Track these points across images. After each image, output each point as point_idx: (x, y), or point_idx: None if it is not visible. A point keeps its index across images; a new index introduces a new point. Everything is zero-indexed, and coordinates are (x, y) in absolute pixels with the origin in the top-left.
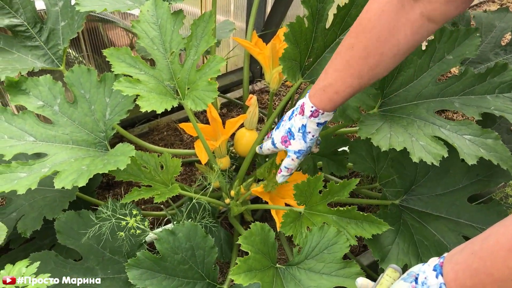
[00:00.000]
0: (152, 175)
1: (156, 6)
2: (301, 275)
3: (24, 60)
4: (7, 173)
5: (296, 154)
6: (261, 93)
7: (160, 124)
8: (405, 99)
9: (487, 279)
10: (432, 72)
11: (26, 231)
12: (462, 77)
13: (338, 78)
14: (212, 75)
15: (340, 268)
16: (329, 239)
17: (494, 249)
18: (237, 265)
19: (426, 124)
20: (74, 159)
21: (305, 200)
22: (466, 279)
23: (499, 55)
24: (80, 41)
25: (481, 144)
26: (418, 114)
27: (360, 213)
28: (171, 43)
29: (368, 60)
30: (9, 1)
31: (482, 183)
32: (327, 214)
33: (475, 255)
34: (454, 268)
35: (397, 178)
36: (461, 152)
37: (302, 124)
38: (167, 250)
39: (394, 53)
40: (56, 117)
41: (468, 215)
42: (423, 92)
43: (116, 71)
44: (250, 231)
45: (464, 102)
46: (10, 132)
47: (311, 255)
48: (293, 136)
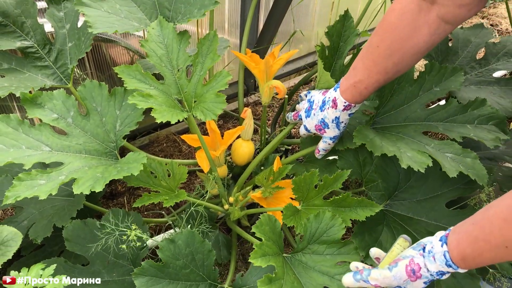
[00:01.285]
0: (159, 182)
1: (161, 26)
2: (307, 259)
3: (34, 79)
4: (28, 181)
5: (332, 140)
6: (255, 105)
7: (159, 136)
8: (395, 120)
9: (485, 246)
10: (420, 99)
11: (37, 238)
12: (447, 106)
13: (366, 75)
14: (220, 88)
15: (340, 247)
16: (326, 223)
17: (492, 219)
18: (254, 250)
19: (413, 141)
20: (88, 167)
21: (302, 195)
22: (466, 247)
23: (475, 69)
24: (84, 59)
25: (460, 161)
26: (406, 132)
27: (354, 199)
28: (178, 61)
29: (392, 57)
30: (20, 25)
31: (459, 190)
32: (323, 206)
33: (475, 225)
34: (457, 237)
35: (381, 182)
36: (443, 167)
37: (335, 116)
38: (168, 257)
39: (415, 51)
40: (70, 129)
41: (446, 219)
42: (411, 116)
43: (129, 87)
44: (260, 221)
45: (447, 128)
46: (28, 142)
47: (313, 240)
48: (327, 126)
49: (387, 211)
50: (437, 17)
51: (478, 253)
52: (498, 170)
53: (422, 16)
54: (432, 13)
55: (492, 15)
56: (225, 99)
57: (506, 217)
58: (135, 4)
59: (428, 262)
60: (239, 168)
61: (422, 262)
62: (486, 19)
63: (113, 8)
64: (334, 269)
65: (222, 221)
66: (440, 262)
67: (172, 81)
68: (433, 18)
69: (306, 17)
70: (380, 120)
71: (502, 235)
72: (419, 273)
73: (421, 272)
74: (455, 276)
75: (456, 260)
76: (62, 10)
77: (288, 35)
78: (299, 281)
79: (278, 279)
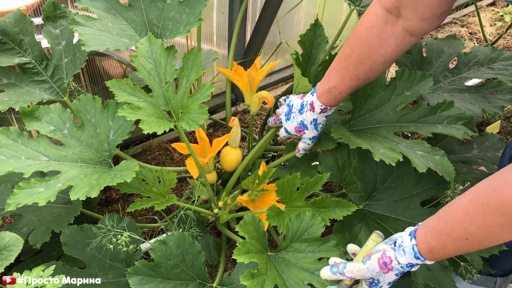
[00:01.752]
0: (151, 188)
1: (150, 42)
2: (289, 256)
3: (32, 93)
4: (28, 189)
5: (311, 140)
6: (244, 114)
7: (152, 145)
8: (370, 123)
9: (448, 238)
10: (393, 103)
11: (37, 243)
12: (417, 108)
13: (340, 81)
14: (203, 100)
15: (320, 244)
16: (307, 223)
17: (454, 213)
18: (238, 248)
19: (386, 141)
20: (84, 175)
21: (285, 198)
22: (432, 240)
23: (448, 77)
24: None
25: (430, 159)
26: (380, 133)
27: (332, 200)
28: (165, 74)
29: (362, 66)
30: (19, 43)
31: (432, 190)
32: (305, 207)
33: (439, 219)
34: (424, 231)
35: (359, 184)
36: (413, 163)
37: (313, 118)
38: (160, 257)
39: (383, 60)
40: (66, 140)
41: (420, 217)
42: (385, 118)
43: (120, 100)
44: (244, 221)
45: (419, 128)
46: (26, 153)
47: (295, 239)
48: (306, 127)
49: (366, 211)
50: (402, 29)
51: (443, 245)
52: (471, 173)
53: (389, 29)
54: (397, 26)
55: (471, 23)
56: (207, 110)
57: (467, 211)
58: (126, 22)
59: (398, 255)
60: (228, 174)
61: (393, 255)
62: (466, 27)
63: (105, 26)
64: (314, 265)
65: (212, 224)
66: (409, 255)
67: (160, 94)
68: (398, 30)
69: (291, 28)
70: (356, 123)
71: (463, 227)
72: (391, 265)
73: (392, 264)
74: (430, 269)
75: (423, 253)
76: (58, 28)
77: (275, 46)
78: (281, 277)
79: (260, 275)
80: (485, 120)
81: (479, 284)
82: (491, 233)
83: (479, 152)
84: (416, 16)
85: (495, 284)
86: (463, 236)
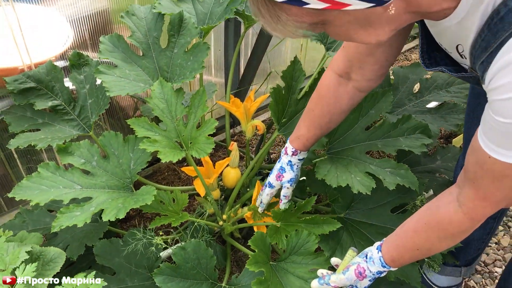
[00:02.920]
0: (167, 207)
1: (162, 86)
2: (288, 266)
3: (63, 130)
4: (67, 213)
5: (290, 183)
6: (241, 135)
7: (161, 167)
8: (344, 144)
9: (403, 250)
10: (361, 123)
11: (73, 255)
12: (382, 126)
13: (306, 131)
14: (209, 132)
15: (313, 258)
16: (304, 239)
17: (406, 231)
18: (250, 259)
19: (360, 163)
20: (111, 199)
21: (281, 217)
22: (393, 252)
23: (412, 100)
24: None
25: (397, 174)
26: (354, 155)
27: (321, 218)
28: (176, 112)
29: (324, 118)
30: (51, 89)
31: (400, 199)
32: (298, 224)
33: (397, 236)
34: (387, 245)
35: (340, 197)
36: (384, 182)
37: (288, 160)
38: (180, 261)
39: (340, 112)
40: (95, 170)
41: (391, 222)
42: (356, 138)
43: (139, 135)
44: (254, 237)
45: (385, 144)
46: (64, 183)
47: (293, 252)
48: (284, 170)
49: (346, 219)
50: (353, 88)
51: (401, 255)
52: (434, 180)
53: (342, 89)
54: (349, 85)
55: None
56: (213, 141)
57: (415, 229)
58: (141, 68)
59: (370, 265)
60: (230, 190)
61: (366, 265)
62: None
63: (123, 73)
64: (307, 274)
65: (218, 234)
66: (378, 265)
67: (172, 128)
68: (350, 89)
69: (279, 58)
70: (333, 146)
71: (413, 241)
72: (365, 274)
73: (366, 273)
74: None
75: (388, 262)
76: (82, 74)
77: (265, 74)
78: (281, 283)
79: (266, 281)
80: (453, 133)
81: (447, 274)
82: (433, 244)
83: (442, 163)
84: (363, 78)
85: (461, 273)
86: (414, 247)
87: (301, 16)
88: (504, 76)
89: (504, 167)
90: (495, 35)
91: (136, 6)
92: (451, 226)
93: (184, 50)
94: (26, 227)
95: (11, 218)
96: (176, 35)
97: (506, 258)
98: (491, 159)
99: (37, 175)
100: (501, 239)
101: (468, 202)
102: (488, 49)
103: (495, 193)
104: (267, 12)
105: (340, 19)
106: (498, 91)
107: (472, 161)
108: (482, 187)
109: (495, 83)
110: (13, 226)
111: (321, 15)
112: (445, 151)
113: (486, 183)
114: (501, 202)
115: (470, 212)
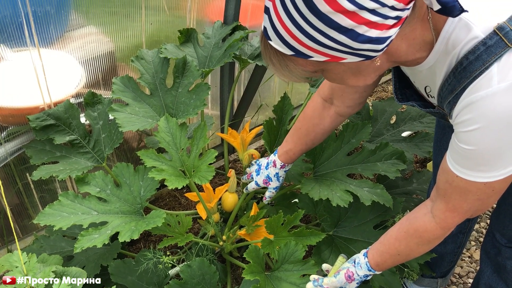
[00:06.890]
0: (173, 229)
1: (167, 121)
2: (281, 274)
3: (79, 162)
4: (87, 236)
5: (275, 189)
6: (235, 162)
7: (163, 193)
8: (328, 168)
9: (387, 255)
10: (343, 150)
11: (90, 275)
12: (362, 152)
13: (293, 146)
14: (210, 161)
15: (302, 264)
16: (292, 249)
17: (389, 239)
18: (246, 269)
19: (341, 183)
20: (125, 223)
21: (273, 231)
22: (377, 257)
23: (389, 130)
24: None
25: (373, 192)
26: (336, 177)
27: (307, 231)
28: (180, 144)
29: (308, 136)
30: (68, 125)
31: (380, 217)
32: (288, 237)
33: (381, 243)
34: (372, 252)
35: (328, 216)
36: (361, 198)
37: (276, 172)
38: (187, 277)
39: (323, 132)
40: (109, 197)
41: (374, 238)
42: (339, 163)
43: (148, 165)
44: (249, 250)
45: (364, 168)
46: (82, 210)
47: (284, 261)
48: (271, 179)
49: (335, 236)
50: (335, 112)
51: (384, 260)
52: (411, 201)
53: (326, 112)
54: (331, 109)
55: None
56: (213, 168)
57: (396, 236)
58: (149, 106)
59: (357, 269)
60: (228, 214)
61: (354, 270)
62: None
63: (134, 110)
64: (299, 280)
65: (218, 253)
66: (364, 269)
67: (177, 158)
68: (332, 113)
69: (269, 91)
70: (318, 170)
71: (395, 247)
72: (353, 277)
73: (354, 276)
74: (383, 274)
75: (373, 266)
76: (96, 111)
77: (256, 106)
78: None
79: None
80: (426, 158)
81: (425, 285)
82: (412, 249)
83: (418, 185)
84: (343, 104)
85: (437, 284)
86: (396, 253)
87: (306, 66)
88: (467, 113)
89: (468, 184)
90: (459, 81)
91: (145, 50)
92: (427, 233)
93: (187, 90)
94: (44, 251)
95: (25, 244)
96: (180, 77)
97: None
98: (458, 178)
99: (58, 203)
100: (473, 253)
101: (440, 213)
102: (454, 92)
103: (462, 205)
104: (278, 62)
105: (337, 68)
106: (462, 124)
107: (443, 180)
108: (451, 200)
109: (460, 118)
110: (31, 251)
111: (321, 65)
112: (420, 175)
113: (455, 197)
114: (467, 212)
115: (442, 222)
